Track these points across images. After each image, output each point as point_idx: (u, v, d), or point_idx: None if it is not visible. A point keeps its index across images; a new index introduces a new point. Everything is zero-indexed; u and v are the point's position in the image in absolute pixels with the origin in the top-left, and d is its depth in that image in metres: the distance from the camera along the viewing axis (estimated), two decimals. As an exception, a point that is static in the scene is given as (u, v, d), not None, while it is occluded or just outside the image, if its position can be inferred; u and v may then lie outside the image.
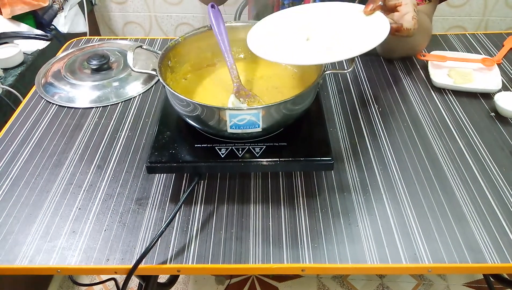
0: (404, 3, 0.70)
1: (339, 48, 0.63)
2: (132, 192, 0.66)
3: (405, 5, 0.70)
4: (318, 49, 0.64)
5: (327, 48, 0.63)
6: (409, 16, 0.69)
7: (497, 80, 0.84)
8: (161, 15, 1.90)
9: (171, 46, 0.71)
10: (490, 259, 0.55)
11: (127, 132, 0.78)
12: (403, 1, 0.70)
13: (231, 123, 0.59)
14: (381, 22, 0.65)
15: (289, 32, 0.69)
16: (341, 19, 0.69)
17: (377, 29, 0.63)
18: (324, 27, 0.68)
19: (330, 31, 0.67)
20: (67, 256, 0.58)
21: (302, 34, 0.67)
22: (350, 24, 0.67)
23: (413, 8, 0.70)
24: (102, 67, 0.91)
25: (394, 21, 0.70)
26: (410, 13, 0.69)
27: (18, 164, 0.72)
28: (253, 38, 0.69)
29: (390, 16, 0.70)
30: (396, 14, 0.70)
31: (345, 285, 1.33)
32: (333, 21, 0.69)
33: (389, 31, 0.62)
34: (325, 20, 0.69)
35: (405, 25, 0.69)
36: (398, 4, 0.70)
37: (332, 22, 0.69)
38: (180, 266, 0.57)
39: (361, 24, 0.67)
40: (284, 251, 0.58)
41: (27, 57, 1.16)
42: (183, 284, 1.35)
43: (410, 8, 0.70)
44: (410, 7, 0.70)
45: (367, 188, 0.66)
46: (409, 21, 0.69)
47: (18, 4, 1.26)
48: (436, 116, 0.79)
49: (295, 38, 0.67)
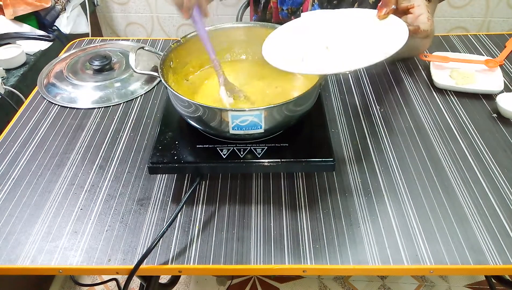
0: (416, 5, 0.69)
1: (362, 54, 0.62)
2: (134, 192, 0.67)
3: (418, 7, 0.69)
4: (341, 58, 0.63)
5: (349, 56, 0.63)
6: (424, 18, 0.69)
7: (499, 81, 0.84)
8: (163, 16, 1.90)
9: (173, 47, 0.71)
10: (492, 260, 0.55)
11: (129, 132, 0.78)
12: (415, 3, 0.69)
13: (233, 124, 0.59)
14: (398, 26, 0.64)
15: (307, 41, 0.68)
16: (356, 25, 0.68)
17: (396, 33, 0.63)
18: (341, 35, 0.67)
19: (348, 38, 0.67)
20: (68, 256, 0.58)
21: (321, 42, 0.67)
22: (367, 30, 0.67)
23: (426, 9, 0.69)
24: (104, 67, 0.91)
25: (408, 23, 0.69)
26: (425, 14, 0.69)
27: (20, 164, 0.72)
28: (269, 50, 0.68)
29: (404, 19, 0.70)
30: (409, 17, 0.70)
31: (346, 286, 1.33)
32: (349, 28, 0.68)
33: (408, 33, 0.62)
34: (340, 27, 0.68)
35: (422, 27, 0.69)
36: (410, 6, 0.70)
37: (348, 29, 0.68)
38: (181, 266, 0.57)
39: (378, 29, 0.66)
40: (286, 252, 0.58)
41: (30, 58, 1.16)
42: (184, 285, 1.35)
43: (423, 9, 0.69)
44: (423, 8, 0.69)
45: (369, 189, 0.66)
46: (425, 22, 0.69)
47: (20, 4, 1.27)
48: (438, 117, 0.79)
49: (315, 48, 0.66)
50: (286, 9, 1.01)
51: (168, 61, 0.71)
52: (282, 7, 1.01)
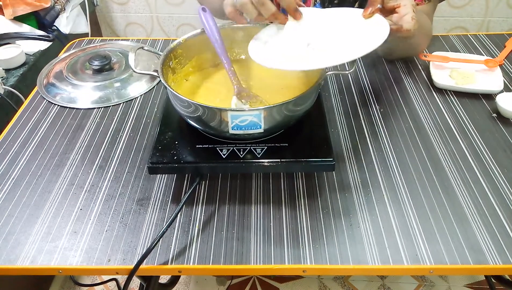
0: (402, 4, 0.70)
1: (340, 51, 0.63)
2: (134, 192, 0.67)
3: (404, 6, 0.70)
4: (319, 54, 0.64)
5: (328, 52, 0.63)
6: (408, 17, 0.69)
7: (499, 81, 0.84)
8: (162, 16, 1.90)
9: (172, 47, 0.71)
10: (492, 260, 0.55)
11: (129, 132, 0.78)
12: (401, 3, 0.70)
13: (232, 124, 0.59)
14: (380, 24, 0.65)
15: (290, 39, 0.69)
16: (340, 24, 0.69)
17: (377, 31, 0.63)
18: (324, 32, 0.68)
19: (330, 35, 0.67)
20: (68, 256, 0.58)
21: (303, 40, 0.67)
22: (350, 28, 0.68)
23: (412, 9, 0.70)
24: (104, 67, 0.91)
25: (393, 23, 0.70)
26: (409, 14, 0.69)
27: (20, 164, 0.72)
28: (254, 48, 0.69)
29: (389, 18, 0.70)
30: (395, 16, 0.70)
31: (346, 286, 1.33)
32: (332, 25, 0.69)
33: (388, 32, 0.62)
34: (324, 25, 0.69)
35: (405, 26, 0.69)
36: (396, 6, 0.70)
37: (331, 27, 0.69)
38: (181, 266, 0.57)
39: (361, 27, 0.67)
40: (285, 252, 0.58)
41: (29, 58, 1.16)
42: (184, 285, 1.35)
43: (409, 9, 0.70)
44: (409, 8, 0.70)
45: (369, 189, 0.66)
46: (408, 21, 0.69)
47: (20, 4, 1.27)
48: (437, 117, 0.79)
49: (296, 44, 0.67)
50: None
51: (168, 61, 0.70)
52: None
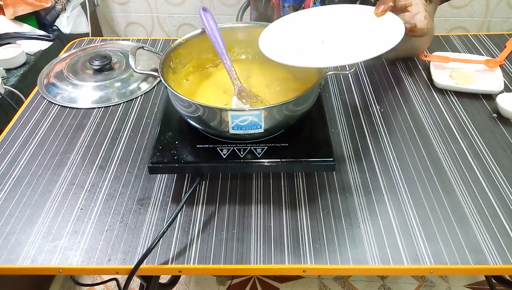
0: (414, 3, 0.70)
1: (356, 49, 0.62)
2: (134, 192, 0.67)
3: (416, 5, 0.70)
4: (335, 52, 0.64)
5: (344, 50, 0.63)
6: (421, 16, 0.69)
7: (499, 81, 0.84)
8: (163, 16, 1.90)
9: (173, 47, 0.71)
10: (492, 260, 0.55)
11: (129, 132, 0.78)
12: (413, 1, 0.70)
13: (233, 124, 0.59)
14: (394, 23, 0.65)
15: (304, 36, 0.69)
16: (353, 21, 0.69)
17: (392, 30, 0.63)
18: (338, 30, 0.68)
19: (344, 33, 0.67)
20: (68, 256, 0.58)
21: (317, 37, 0.67)
22: (364, 26, 0.67)
23: (423, 7, 0.70)
24: (104, 67, 0.91)
25: (405, 21, 0.70)
26: (422, 13, 0.69)
27: (20, 164, 0.72)
28: (266, 43, 0.68)
29: (401, 17, 0.70)
30: (407, 14, 0.70)
31: (346, 286, 1.33)
32: (346, 23, 0.69)
33: (404, 31, 0.62)
34: (338, 23, 0.69)
35: (419, 25, 0.69)
36: (408, 4, 0.70)
37: (345, 25, 0.69)
38: (181, 266, 0.57)
39: (375, 25, 0.66)
40: (286, 252, 0.58)
41: (30, 58, 1.16)
42: (184, 285, 1.35)
43: (420, 7, 0.70)
44: (420, 6, 0.70)
45: (369, 189, 0.66)
46: (421, 20, 0.69)
47: (20, 4, 1.27)
48: (438, 117, 0.79)
49: (311, 41, 0.67)
50: (288, 6, 1.01)
51: (168, 60, 0.71)
52: (284, 4, 1.01)
